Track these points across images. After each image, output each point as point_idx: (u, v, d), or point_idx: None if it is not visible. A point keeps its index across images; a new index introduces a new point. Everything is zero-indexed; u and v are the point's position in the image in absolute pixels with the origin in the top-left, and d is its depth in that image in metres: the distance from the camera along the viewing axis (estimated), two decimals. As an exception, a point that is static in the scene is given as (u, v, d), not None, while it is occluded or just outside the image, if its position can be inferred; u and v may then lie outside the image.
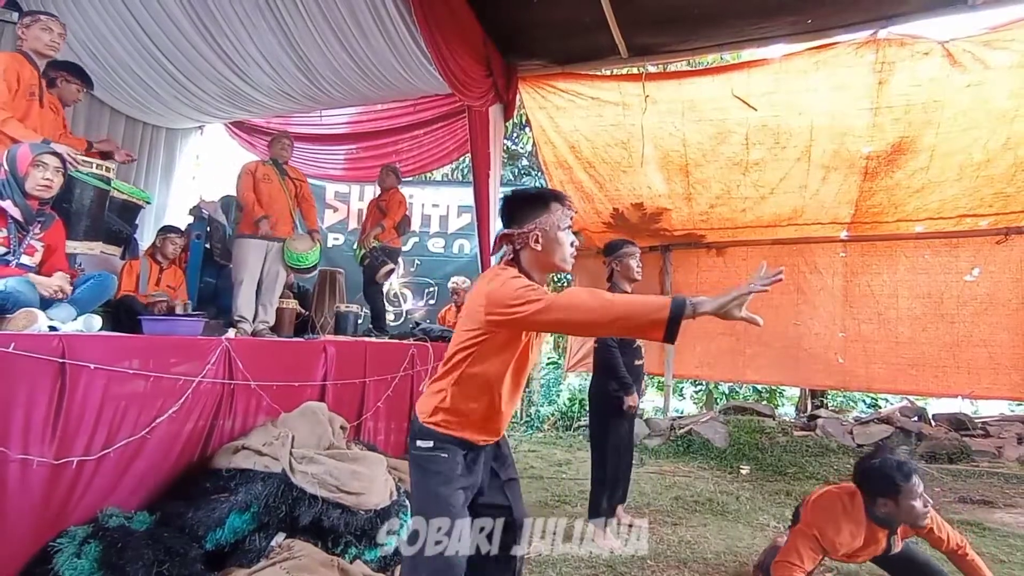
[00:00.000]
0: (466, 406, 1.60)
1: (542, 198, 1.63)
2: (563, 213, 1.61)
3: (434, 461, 1.60)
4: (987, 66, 4.25)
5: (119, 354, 2.21)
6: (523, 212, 1.62)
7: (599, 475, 3.31)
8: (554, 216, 1.60)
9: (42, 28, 2.94)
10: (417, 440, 1.64)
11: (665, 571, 2.87)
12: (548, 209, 1.60)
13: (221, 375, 2.66)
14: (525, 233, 1.59)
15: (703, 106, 5.07)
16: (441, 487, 1.58)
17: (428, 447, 1.61)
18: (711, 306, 1.34)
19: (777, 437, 5.72)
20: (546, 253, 1.60)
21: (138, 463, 2.28)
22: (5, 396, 1.83)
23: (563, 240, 1.61)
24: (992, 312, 5.42)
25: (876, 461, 2.15)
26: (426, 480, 1.61)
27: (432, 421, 1.63)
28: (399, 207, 5.12)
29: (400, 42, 4.16)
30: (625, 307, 1.38)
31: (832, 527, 2.19)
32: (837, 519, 2.19)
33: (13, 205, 2.31)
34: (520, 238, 1.60)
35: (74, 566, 1.87)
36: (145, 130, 5.82)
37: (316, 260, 4.16)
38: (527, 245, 1.60)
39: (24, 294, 2.15)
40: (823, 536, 2.19)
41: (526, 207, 1.63)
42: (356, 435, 3.44)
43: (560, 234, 1.60)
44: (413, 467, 1.66)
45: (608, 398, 3.25)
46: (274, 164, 4.19)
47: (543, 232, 1.59)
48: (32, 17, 2.98)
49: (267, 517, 2.27)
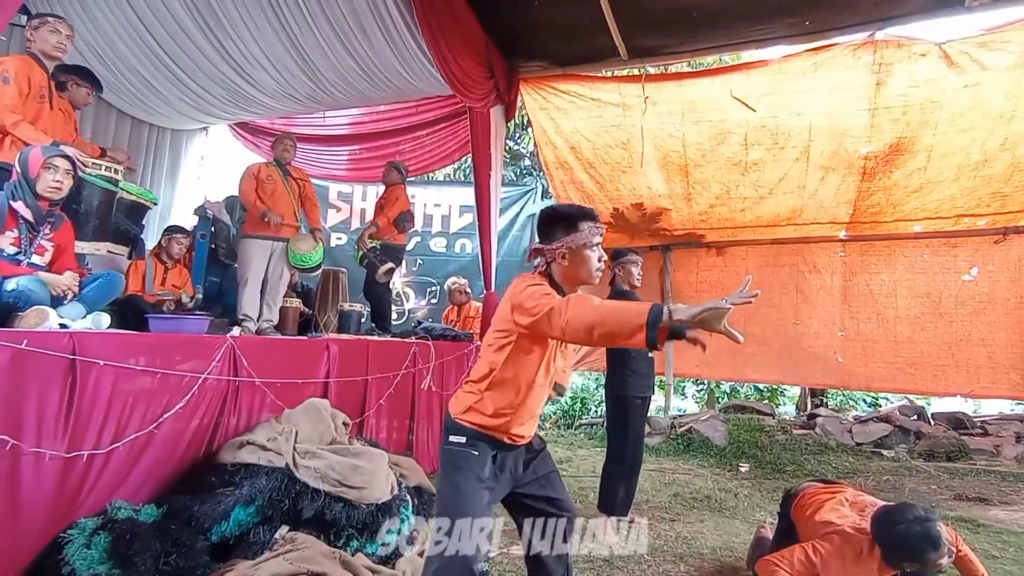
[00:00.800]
0: (497, 405, 1.68)
1: (571, 217, 1.71)
2: (591, 231, 1.69)
3: (463, 457, 1.67)
4: (984, 67, 4.27)
5: (127, 351, 2.27)
6: (553, 229, 1.72)
7: (615, 468, 3.31)
8: (582, 234, 1.68)
9: (50, 30, 3.00)
10: (450, 435, 1.71)
11: (661, 566, 2.91)
12: (576, 228, 1.69)
13: (226, 372, 2.72)
14: (553, 249, 1.69)
15: (702, 107, 5.11)
16: (465, 482, 1.64)
17: (460, 443, 1.69)
18: (685, 315, 1.38)
19: (776, 435, 5.76)
20: (573, 268, 1.69)
21: (146, 457, 2.34)
22: (18, 391, 1.89)
23: (589, 257, 1.69)
24: (990, 311, 5.44)
25: (901, 527, 2.00)
26: (453, 475, 1.68)
27: (465, 418, 1.70)
28: (395, 203, 5.12)
29: (402, 44, 4.21)
30: (614, 312, 1.45)
31: (840, 567, 2.11)
32: (847, 562, 2.11)
33: (24, 206, 2.38)
34: (549, 253, 1.71)
35: (84, 556, 1.93)
36: (151, 131, 5.90)
37: (320, 260, 4.21)
38: (556, 260, 1.70)
39: (35, 292, 2.21)
40: (826, 567, 2.11)
41: (556, 225, 1.72)
42: (358, 432, 3.50)
43: (587, 252, 1.68)
44: (443, 461, 1.73)
45: (626, 389, 3.30)
46: (277, 165, 4.24)
47: (569, 250, 1.68)
48: (40, 19, 3.04)
49: (271, 510, 2.33)
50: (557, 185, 6.16)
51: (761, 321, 6.24)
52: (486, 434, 1.68)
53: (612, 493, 3.28)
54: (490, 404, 1.68)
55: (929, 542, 1.95)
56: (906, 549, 1.99)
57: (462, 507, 1.61)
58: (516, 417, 1.69)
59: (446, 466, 1.71)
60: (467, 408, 1.71)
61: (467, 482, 1.64)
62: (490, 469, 1.68)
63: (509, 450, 1.73)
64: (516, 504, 1.81)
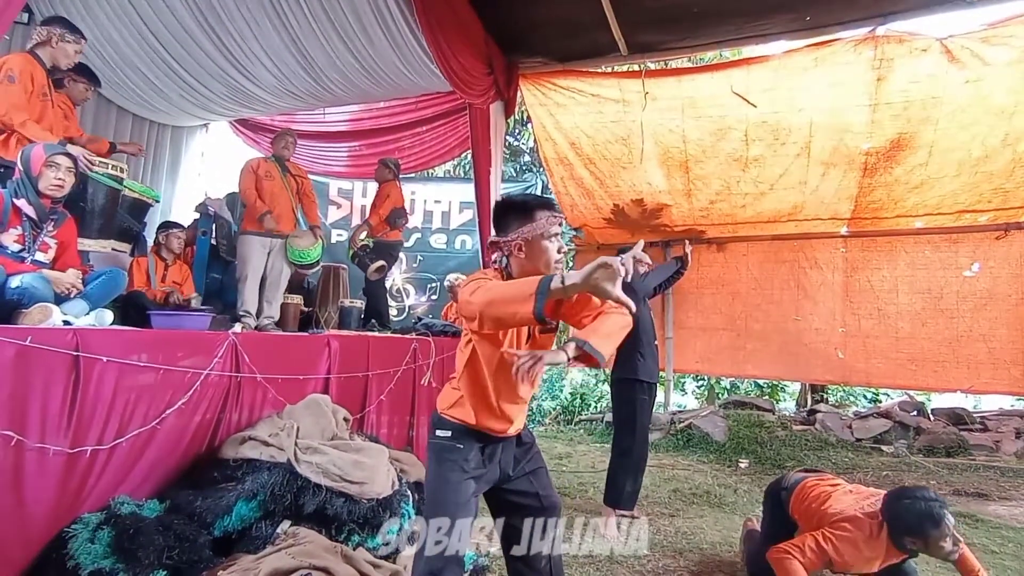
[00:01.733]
0: (473, 400, 1.69)
1: (525, 207, 1.63)
2: (548, 221, 1.60)
3: (449, 450, 1.68)
4: (985, 62, 4.25)
5: (130, 348, 2.29)
6: (507, 221, 1.65)
7: (623, 461, 3.33)
8: (538, 224, 1.59)
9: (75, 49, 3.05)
10: (436, 430, 1.73)
11: (661, 561, 2.94)
12: (532, 218, 1.61)
13: (228, 368, 2.74)
14: (508, 242, 1.63)
15: (703, 103, 5.09)
16: (451, 473, 1.65)
17: (446, 436, 1.70)
18: (578, 277, 1.29)
19: (776, 431, 5.77)
20: (530, 260, 1.61)
21: (149, 453, 2.36)
22: (23, 388, 1.90)
23: (547, 248, 1.60)
24: (992, 307, 5.43)
25: (907, 502, 2.11)
26: (439, 467, 1.69)
27: (450, 414, 1.72)
28: (385, 200, 5.14)
29: (402, 41, 4.21)
30: (513, 286, 1.42)
31: (852, 550, 2.17)
32: (858, 544, 2.17)
33: (27, 204, 2.39)
34: (505, 246, 1.64)
35: (88, 551, 1.95)
36: (151, 128, 5.91)
37: (319, 256, 4.22)
38: (512, 253, 1.63)
39: (39, 289, 2.23)
40: (839, 553, 2.16)
41: (510, 215, 1.65)
42: (359, 427, 3.52)
43: (544, 242, 1.60)
44: (430, 455, 1.74)
45: (636, 373, 3.32)
46: (276, 161, 4.24)
47: (525, 241, 1.60)
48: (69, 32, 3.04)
49: (273, 505, 2.34)
50: (557, 181, 6.16)
51: (762, 317, 6.24)
52: (470, 428, 1.69)
53: (619, 487, 3.30)
54: (468, 399, 1.69)
55: (931, 519, 2.03)
56: (908, 524, 2.07)
57: (448, 499, 1.63)
58: (491, 410, 1.69)
59: (432, 460, 1.73)
60: (451, 404, 1.73)
61: (452, 473, 1.65)
62: (476, 460, 1.68)
63: (496, 443, 1.73)
64: (502, 499, 1.80)
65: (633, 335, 3.31)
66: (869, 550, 2.17)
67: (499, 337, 1.63)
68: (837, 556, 2.17)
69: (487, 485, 1.74)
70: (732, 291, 6.41)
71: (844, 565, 2.21)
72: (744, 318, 6.37)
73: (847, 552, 2.17)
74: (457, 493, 1.63)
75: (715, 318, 6.45)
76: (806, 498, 2.50)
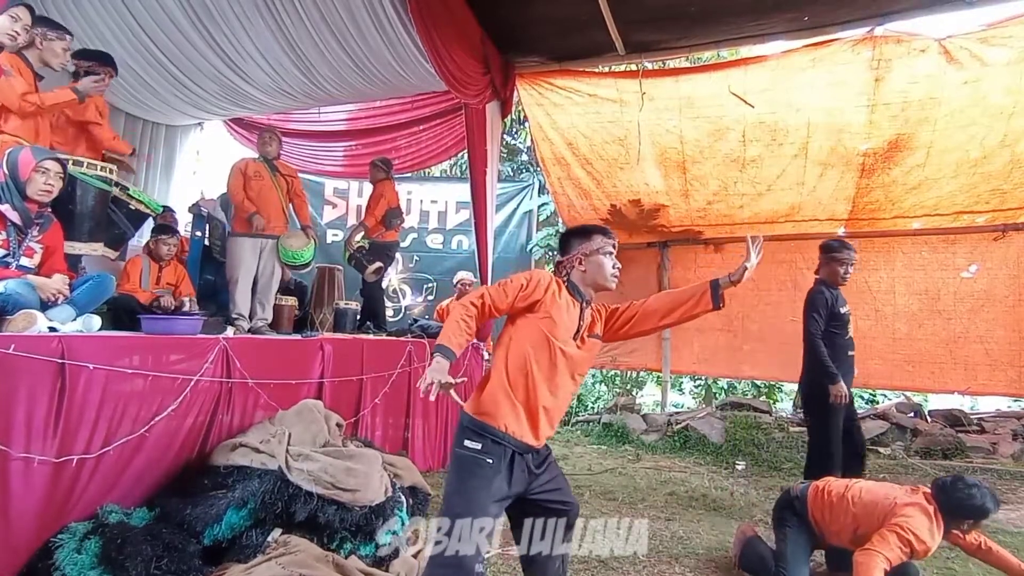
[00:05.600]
0: (509, 397, 1.74)
1: (584, 230, 1.97)
2: (603, 242, 1.92)
3: (478, 465, 1.69)
4: (984, 63, 4.24)
5: (118, 354, 2.26)
6: (570, 243, 1.96)
7: (814, 473, 3.21)
8: (594, 242, 1.91)
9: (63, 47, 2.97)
10: (465, 440, 1.73)
11: (656, 566, 2.91)
12: (589, 238, 1.92)
13: (219, 373, 2.71)
14: (571, 257, 1.92)
15: (700, 103, 5.07)
16: (475, 492, 1.68)
17: (476, 449, 1.71)
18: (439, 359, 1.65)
19: (773, 433, 5.75)
20: (590, 272, 1.90)
21: (137, 460, 2.33)
22: (6, 396, 1.88)
23: (603, 263, 1.90)
24: (989, 308, 5.43)
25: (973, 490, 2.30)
26: (466, 481, 1.70)
27: (482, 412, 1.75)
28: (379, 201, 5.09)
29: (397, 40, 4.18)
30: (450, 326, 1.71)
31: (930, 537, 2.29)
32: (932, 530, 2.30)
33: (12, 209, 2.35)
34: (568, 262, 1.93)
35: (75, 561, 1.93)
36: (145, 127, 5.86)
37: (311, 257, 4.16)
38: (574, 267, 1.91)
39: (24, 296, 2.19)
40: (919, 541, 2.26)
41: (572, 239, 1.96)
42: (354, 431, 3.50)
43: (600, 258, 1.90)
44: (455, 465, 1.75)
45: (817, 392, 3.37)
46: (264, 161, 4.18)
47: (584, 256, 1.90)
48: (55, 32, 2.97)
49: (264, 513, 2.32)
50: (554, 181, 6.13)
51: (759, 318, 6.23)
52: (499, 429, 1.72)
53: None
54: (502, 394, 1.74)
55: (993, 501, 2.30)
56: (971, 508, 2.29)
57: (468, 511, 1.65)
58: (527, 409, 1.75)
59: (459, 470, 1.73)
60: (483, 402, 1.77)
61: (477, 491, 1.67)
62: (504, 477, 1.71)
63: (524, 454, 1.77)
64: (525, 507, 1.85)
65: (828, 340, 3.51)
66: (936, 531, 2.31)
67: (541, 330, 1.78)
68: (919, 544, 2.27)
69: (508, 501, 1.77)
70: (729, 292, 6.26)
71: (927, 552, 2.30)
72: (741, 319, 6.35)
73: (927, 539, 2.28)
74: (480, 509, 1.65)
75: (712, 319, 6.41)
76: (824, 500, 2.55)
